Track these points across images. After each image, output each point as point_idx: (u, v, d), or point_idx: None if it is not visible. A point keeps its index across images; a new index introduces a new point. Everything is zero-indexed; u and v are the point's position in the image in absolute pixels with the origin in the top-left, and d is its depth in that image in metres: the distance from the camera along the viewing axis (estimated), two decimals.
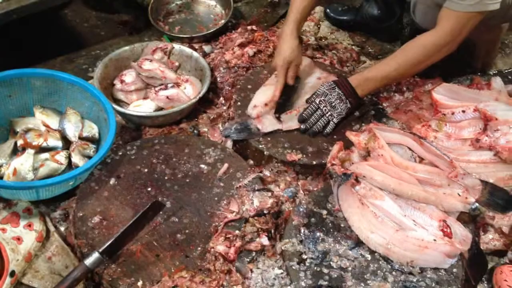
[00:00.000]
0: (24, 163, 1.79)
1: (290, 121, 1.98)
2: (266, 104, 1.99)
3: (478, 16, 1.77)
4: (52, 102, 1.99)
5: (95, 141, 1.93)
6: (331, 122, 1.95)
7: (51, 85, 1.95)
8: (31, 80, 1.92)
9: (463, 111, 1.91)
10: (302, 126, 1.97)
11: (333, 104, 1.93)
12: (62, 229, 1.77)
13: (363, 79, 1.92)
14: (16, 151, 1.86)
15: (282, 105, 2.04)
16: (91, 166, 1.71)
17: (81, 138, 1.91)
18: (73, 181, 1.72)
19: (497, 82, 2.07)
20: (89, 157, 1.84)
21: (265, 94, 2.03)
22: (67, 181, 1.69)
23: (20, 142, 1.84)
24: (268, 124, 1.96)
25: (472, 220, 1.73)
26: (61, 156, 1.83)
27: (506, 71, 2.45)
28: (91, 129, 1.94)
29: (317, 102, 1.95)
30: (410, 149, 1.85)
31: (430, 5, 1.90)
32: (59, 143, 1.88)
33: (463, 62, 2.33)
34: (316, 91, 1.98)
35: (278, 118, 1.97)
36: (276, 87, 2.00)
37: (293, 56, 1.97)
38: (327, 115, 1.94)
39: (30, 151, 1.82)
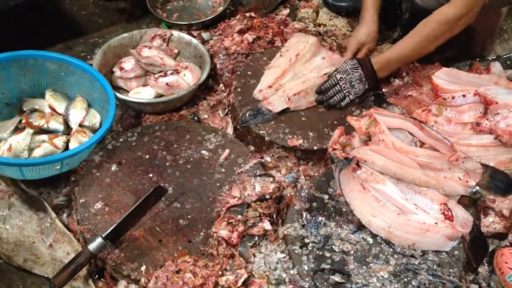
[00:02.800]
0: (20, 141, 1.81)
1: (299, 102, 2.00)
2: (270, 86, 2.01)
3: None
4: (64, 86, 2.02)
5: (96, 131, 1.92)
6: (347, 97, 2.01)
7: (65, 70, 1.98)
8: (45, 63, 1.95)
9: (464, 95, 1.91)
10: (318, 97, 2.02)
11: (352, 83, 1.99)
12: (64, 216, 1.77)
13: (385, 61, 1.98)
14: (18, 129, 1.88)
15: (290, 84, 2.05)
16: (77, 152, 1.70)
17: (81, 125, 1.91)
18: (59, 165, 1.71)
19: (496, 67, 2.07)
20: None
21: (268, 78, 2.06)
22: (52, 164, 1.69)
23: (23, 120, 1.86)
24: (278, 103, 1.98)
25: (473, 203, 1.74)
26: (59, 140, 1.83)
27: (505, 56, 2.44)
28: (93, 118, 1.93)
29: (338, 78, 2.00)
30: (410, 133, 1.86)
31: None
32: (61, 127, 1.89)
33: (462, 48, 2.33)
34: (339, 67, 2.04)
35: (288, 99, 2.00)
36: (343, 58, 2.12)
37: (369, 40, 2.10)
38: (344, 91, 2.00)
39: (29, 131, 1.84)
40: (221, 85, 2.22)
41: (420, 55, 1.99)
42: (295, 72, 2.10)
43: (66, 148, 1.85)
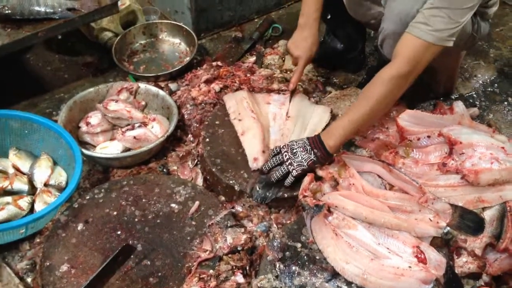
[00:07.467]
0: None
1: None
2: (263, 151, 1.96)
3: (434, 48, 1.76)
4: (28, 145, 1.98)
5: (62, 189, 1.88)
6: (290, 174, 1.83)
7: (29, 128, 1.95)
8: (9, 121, 1.93)
9: (428, 136, 1.94)
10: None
11: (294, 151, 1.83)
12: (29, 280, 1.70)
13: (331, 129, 1.85)
14: None
15: (275, 141, 2.05)
16: (42, 215, 1.66)
17: (47, 185, 1.87)
18: (24, 229, 1.67)
19: (459, 106, 2.11)
20: None
21: (255, 143, 1.99)
22: (16, 229, 1.64)
23: None
24: None
25: (445, 244, 1.73)
26: (24, 202, 1.79)
27: (467, 95, 2.52)
28: (60, 177, 1.90)
29: (280, 147, 1.89)
30: (379, 176, 1.87)
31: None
32: (25, 188, 1.85)
33: (426, 88, 2.38)
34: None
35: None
36: (295, 76, 2.18)
37: (313, 55, 2.18)
38: (286, 163, 1.83)
39: None
40: (189, 135, 2.21)
41: (371, 120, 1.89)
42: (265, 128, 2.09)
43: (32, 208, 1.80)
